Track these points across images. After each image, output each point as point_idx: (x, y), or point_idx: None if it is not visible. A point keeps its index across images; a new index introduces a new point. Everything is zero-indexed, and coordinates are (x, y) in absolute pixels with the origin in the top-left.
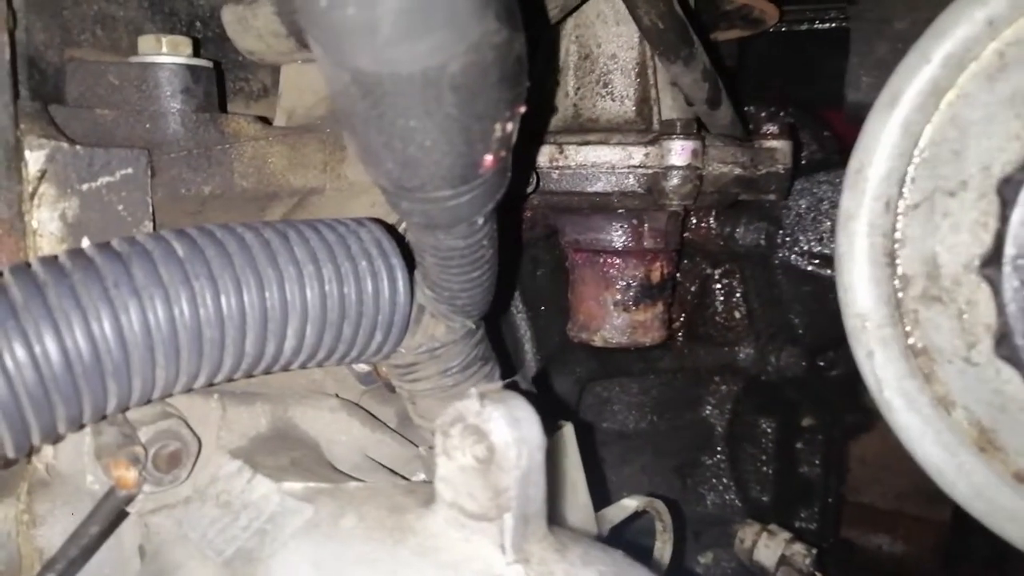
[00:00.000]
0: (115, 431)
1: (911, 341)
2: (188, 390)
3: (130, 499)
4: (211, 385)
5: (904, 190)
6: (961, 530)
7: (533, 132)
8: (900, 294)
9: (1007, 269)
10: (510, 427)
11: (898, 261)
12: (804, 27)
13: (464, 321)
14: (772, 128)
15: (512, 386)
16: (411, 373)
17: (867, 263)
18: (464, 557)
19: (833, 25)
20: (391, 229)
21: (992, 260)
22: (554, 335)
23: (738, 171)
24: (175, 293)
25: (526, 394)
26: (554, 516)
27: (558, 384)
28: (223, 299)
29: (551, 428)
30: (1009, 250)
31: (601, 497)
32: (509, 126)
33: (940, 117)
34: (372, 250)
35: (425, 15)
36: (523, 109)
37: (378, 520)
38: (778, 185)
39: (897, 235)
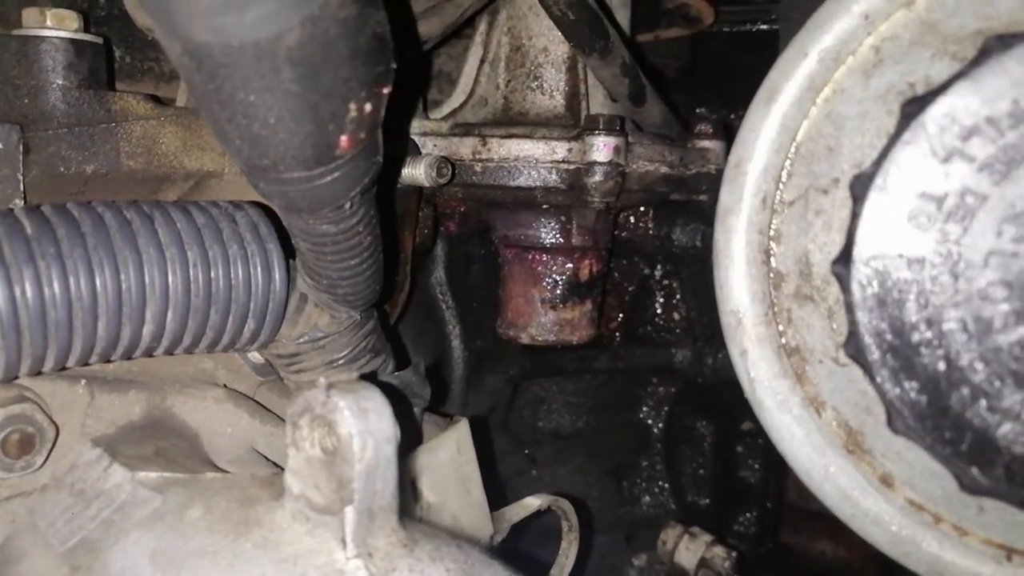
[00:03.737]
0: None
1: (784, 340)
2: (36, 373)
3: None
4: (64, 369)
5: (781, 186)
6: None
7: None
8: (774, 292)
9: (855, 266)
10: (355, 418)
11: (773, 258)
12: (746, 27)
13: (349, 312)
14: (706, 128)
15: (369, 377)
16: (295, 364)
17: (743, 260)
18: (306, 550)
19: (775, 26)
20: (273, 214)
21: (842, 257)
22: (487, 332)
23: (665, 170)
24: (17, 273)
25: (384, 386)
26: (408, 510)
27: (491, 382)
28: (71, 280)
29: (413, 423)
30: (858, 248)
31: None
32: (368, 107)
33: (817, 112)
34: (246, 234)
35: None
36: (387, 90)
37: (225, 512)
38: (710, 185)
39: (772, 232)
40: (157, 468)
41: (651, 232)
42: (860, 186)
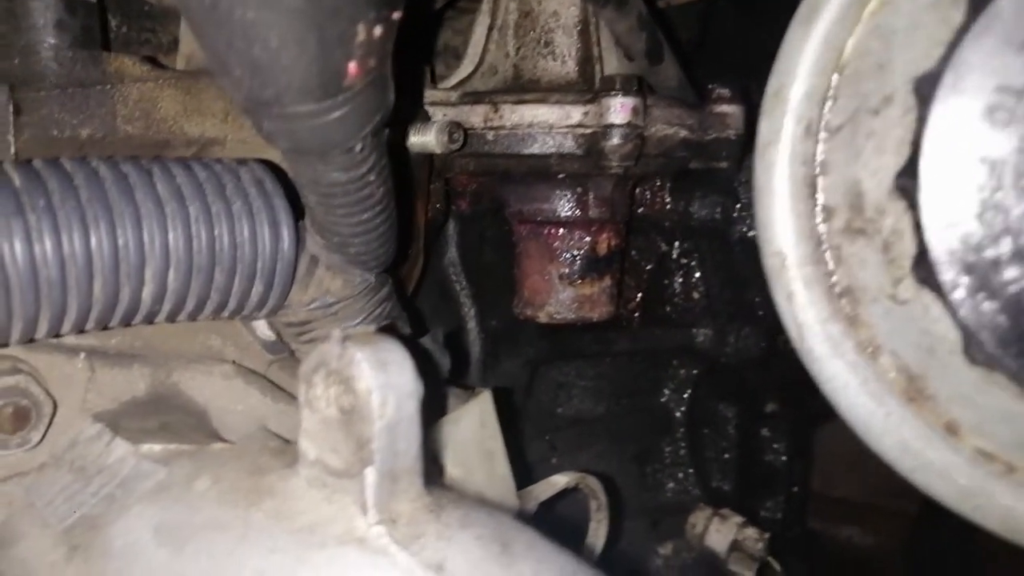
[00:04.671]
0: None
1: (834, 280)
2: (29, 340)
3: None
4: (58, 336)
5: (826, 111)
6: (930, 523)
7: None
8: (822, 228)
9: (924, 175)
10: (374, 371)
11: (819, 192)
12: None
13: (363, 274)
14: (724, 92)
15: (388, 329)
16: (306, 332)
17: (787, 195)
18: (324, 519)
19: None
20: (281, 173)
21: (908, 169)
22: (504, 315)
23: (684, 133)
24: (4, 227)
25: (405, 339)
26: (431, 475)
27: (508, 366)
28: (64, 236)
29: (437, 385)
30: (926, 157)
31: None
32: (377, 30)
33: (863, 28)
34: (251, 190)
35: None
36: (397, 15)
37: (234, 482)
38: (729, 152)
39: (818, 162)
40: (162, 441)
41: (668, 207)
42: (927, 85)
